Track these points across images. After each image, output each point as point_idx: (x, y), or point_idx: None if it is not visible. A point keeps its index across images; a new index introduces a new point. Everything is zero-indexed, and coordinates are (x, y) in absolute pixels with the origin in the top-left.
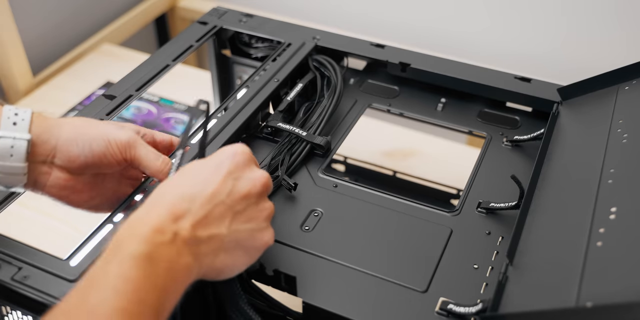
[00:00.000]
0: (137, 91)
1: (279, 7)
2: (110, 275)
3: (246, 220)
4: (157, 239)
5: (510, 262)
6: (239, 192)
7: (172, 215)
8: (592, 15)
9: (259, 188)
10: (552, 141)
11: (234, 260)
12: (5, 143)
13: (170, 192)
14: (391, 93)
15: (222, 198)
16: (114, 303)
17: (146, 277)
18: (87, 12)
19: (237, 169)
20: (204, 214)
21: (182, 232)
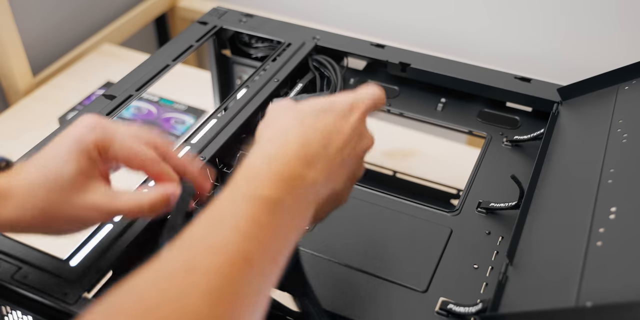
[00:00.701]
0: (137, 91)
1: (279, 7)
2: (238, 216)
3: (352, 178)
4: (292, 183)
5: (510, 262)
6: (359, 150)
7: (304, 160)
8: (591, 15)
9: (369, 148)
10: (552, 141)
11: (330, 210)
12: None
13: (297, 131)
14: (391, 93)
15: (346, 154)
16: (238, 248)
17: (275, 227)
18: (87, 12)
19: (362, 124)
20: (330, 167)
21: (319, 179)
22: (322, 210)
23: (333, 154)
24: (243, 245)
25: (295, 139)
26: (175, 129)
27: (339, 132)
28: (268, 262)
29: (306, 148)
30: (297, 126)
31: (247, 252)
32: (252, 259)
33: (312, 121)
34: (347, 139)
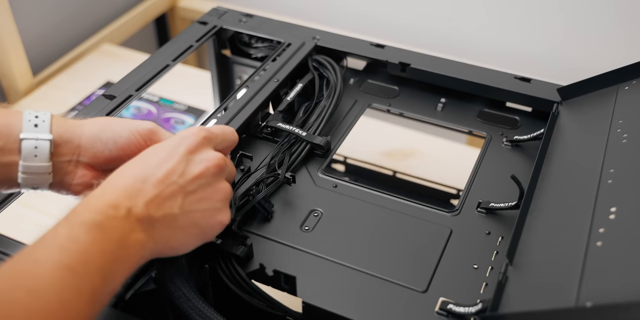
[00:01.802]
0: (137, 91)
1: (279, 7)
2: (59, 236)
3: (199, 200)
4: (110, 212)
5: (510, 262)
6: (192, 172)
7: (126, 193)
8: (591, 15)
9: (213, 169)
10: (552, 141)
11: (189, 238)
12: (29, 144)
13: (126, 174)
14: (391, 93)
15: (174, 179)
16: (59, 258)
17: (95, 242)
18: (86, 12)
19: (190, 151)
20: (156, 194)
21: (135, 210)
22: (184, 235)
23: (152, 186)
24: (64, 256)
25: (121, 177)
26: (175, 129)
27: (161, 165)
28: (93, 272)
29: (126, 181)
30: (127, 172)
31: (68, 262)
32: (74, 268)
33: (142, 163)
34: (169, 168)
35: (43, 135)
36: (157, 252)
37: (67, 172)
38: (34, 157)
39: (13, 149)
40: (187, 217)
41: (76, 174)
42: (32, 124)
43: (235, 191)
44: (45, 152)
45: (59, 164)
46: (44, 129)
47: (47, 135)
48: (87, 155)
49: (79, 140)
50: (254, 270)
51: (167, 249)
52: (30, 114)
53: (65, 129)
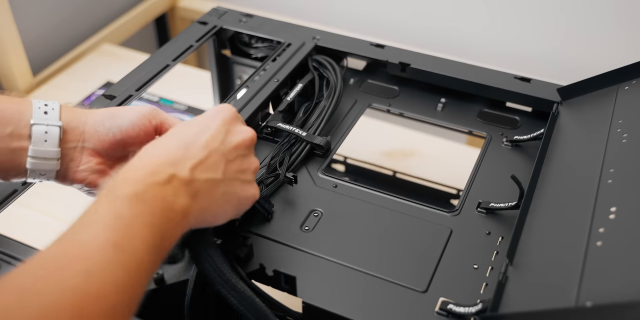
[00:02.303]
0: (137, 91)
1: (279, 7)
2: (101, 213)
3: (238, 170)
4: (151, 179)
5: (510, 262)
6: (232, 142)
7: (168, 160)
8: (591, 15)
9: (248, 141)
10: (552, 141)
11: (227, 207)
12: (39, 129)
13: (165, 143)
14: (391, 93)
15: (217, 145)
16: (106, 236)
17: (138, 215)
18: (86, 12)
19: (227, 122)
20: (200, 159)
21: (180, 174)
22: (223, 203)
23: (196, 151)
24: (109, 234)
25: (157, 147)
26: None
27: (202, 133)
28: (139, 246)
29: (167, 148)
30: (164, 142)
31: (114, 239)
32: (121, 244)
33: (179, 134)
34: (211, 135)
35: (53, 122)
36: (200, 219)
37: (72, 159)
38: (44, 142)
39: (23, 135)
40: (227, 184)
41: (81, 160)
42: (42, 111)
43: None
44: (55, 138)
45: (65, 150)
46: (54, 116)
47: (57, 122)
48: (91, 141)
49: (84, 127)
50: (254, 270)
51: (208, 216)
52: (40, 102)
53: (72, 117)
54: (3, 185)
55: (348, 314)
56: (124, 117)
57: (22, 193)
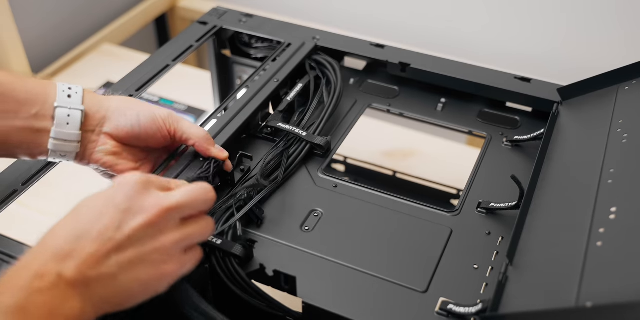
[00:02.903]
0: (137, 91)
1: (279, 7)
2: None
3: (141, 255)
4: (36, 285)
5: (510, 262)
6: (131, 226)
7: (55, 257)
8: (591, 15)
9: (155, 219)
10: (552, 141)
11: (134, 294)
12: (62, 112)
13: (58, 233)
14: (391, 93)
15: (110, 235)
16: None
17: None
18: (86, 12)
19: (127, 200)
20: (90, 253)
21: (66, 274)
22: (128, 292)
23: (88, 244)
24: None
25: (48, 238)
26: None
27: (97, 220)
28: None
29: (57, 242)
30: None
31: None
32: None
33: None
34: (106, 223)
35: (76, 106)
36: (101, 312)
37: (90, 141)
38: (66, 125)
39: (47, 116)
40: (127, 274)
41: (98, 142)
42: (66, 94)
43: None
44: (77, 121)
45: (84, 133)
46: (77, 100)
47: (79, 106)
48: (110, 126)
49: (105, 112)
50: (254, 270)
51: (110, 306)
52: (64, 86)
53: (94, 102)
54: (3, 185)
55: (348, 314)
56: (146, 115)
57: (22, 193)
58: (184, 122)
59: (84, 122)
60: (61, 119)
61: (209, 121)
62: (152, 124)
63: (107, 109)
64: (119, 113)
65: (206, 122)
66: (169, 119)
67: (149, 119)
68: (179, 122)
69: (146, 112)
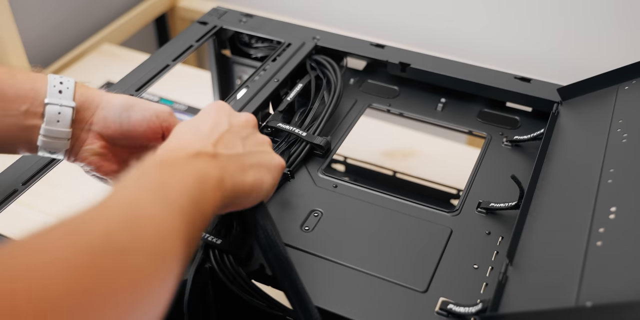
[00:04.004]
0: (137, 91)
1: (279, 7)
2: (131, 176)
3: (255, 144)
4: (180, 153)
5: (510, 262)
6: (237, 122)
7: (187, 142)
8: (591, 15)
9: (252, 121)
10: (552, 141)
11: (261, 176)
12: (52, 109)
13: (176, 134)
14: (391, 93)
15: (225, 127)
16: (138, 185)
17: (170, 175)
18: (86, 12)
19: (223, 111)
20: (216, 138)
21: (205, 149)
22: (255, 173)
23: (209, 134)
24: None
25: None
26: None
27: (204, 123)
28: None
29: (182, 135)
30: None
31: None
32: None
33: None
34: (214, 122)
35: (67, 102)
36: (235, 191)
37: (78, 138)
38: (56, 122)
39: (37, 113)
40: (252, 156)
41: (86, 141)
42: (57, 90)
43: None
44: (68, 118)
45: (73, 129)
46: (68, 95)
47: (70, 102)
48: (99, 124)
49: (95, 109)
50: (254, 270)
51: (244, 187)
52: (55, 79)
53: (86, 97)
54: (3, 185)
55: (348, 314)
56: (137, 111)
57: (22, 193)
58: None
59: (75, 119)
60: (51, 117)
61: None
62: (142, 122)
63: (97, 106)
64: (110, 111)
65: None
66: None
67: (141, 117)
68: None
69: (138, 111)
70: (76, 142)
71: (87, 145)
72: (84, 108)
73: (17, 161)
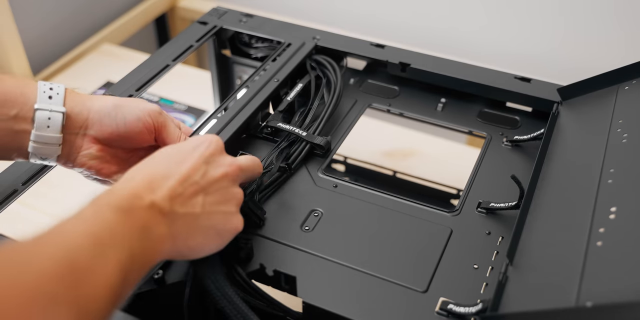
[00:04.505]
0: (137, 91)
1: (279, 7)
2: (84, 214)
3: (219, 203)
4: (135, 201)
5: (510, 262)
6: (213, 175)
7: (149, 187)
8: (591, 15)
9: (231, 174)
10: (552, 141)
11: (207, 240)
12: (42, 115)
13: (146, 170)
14: (391, 93)
15: (197, 179)
16: (85, 228)
17: (120, 222)
18: (86, 12)
19: (211, 155)
20: (180, 191)
21: (159, 203)
22: (202, 237)
23: (176, 184)
24: (92, 228)
25: (139, 172)
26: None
27: (182, 164)
28: (120, 247)
29: (148, 176)
30: (146, 167)
31: (95, 232)
32: (101, 237)
33: (161, 162)
34: (191, 168)
35: (57, 108)
36: (175, 251)
37: (73, 144)
38: (47, 128)
39: (27, 118)
40: (207, 217)
41: (82, 146)
42: (47, 95)
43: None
44: (58, 124)
45: (67, 135)
46: (58, 101)
47: (60, 108)
48: (94, 129)
49: (87, 113)
50: (254, 270)
51: (185, 249)
52: (45, 86)
53: (77, 102)
54: (3, 185)
55: (348, 314)
56: (130, 111)
57: (22, 193)
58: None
59: (66, 124)
60: (41, 122)
61: (209, 121)
62: (137, 121)
63: (90, 110)
64: (103, 114)
65: (206, 122)
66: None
67: (135, 117)
68: (167, 117)
69: (133, 110)
70: (72, 148)
71: (84, 150)
72: (75, 113)
73: (17, 161)
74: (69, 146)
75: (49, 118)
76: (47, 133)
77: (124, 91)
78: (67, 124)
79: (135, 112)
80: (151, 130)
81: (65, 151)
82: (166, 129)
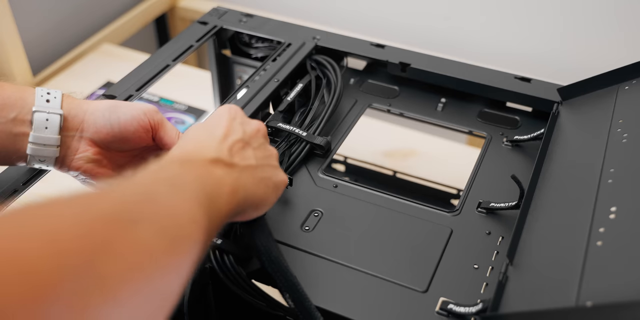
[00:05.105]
0: (137, 91)
1: (279, 7)
2: (148, 169)
3: (265, 157)
4: (198, 156)
5: (510, 262)
6: (249, 131)
7: (201, 149)
8: (591, 15)
9: (263, 130)
10: (552, 141)
11: (269, 192)
12: (40, 116)
13: (187, 140)
14: (391, 93)
15: (239, 136)
16: (156, 176)
17: (187, 172)
18: (87, 12)
19: (238, 117)
20: (231, 146)
21: (221, 156)
22: (263, 189)
23: (224, 142)
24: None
25: (189, 139)
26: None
27: (216, 129)
28: (194, 190)
29: (197, 143)
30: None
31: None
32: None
33: (198, 130)
34: (227, 129)
35: (54, 110)
36: (246, 204)
37: (70, 147)
38: (45, 129)
39: (25, 120)
40: (262, 170)
41: (78, 149)
42: (44, 99)
43: None
44: (56, 125)
45: (63, 138)
46: (55, 104)
47: (58, 110)
48: (90, 131)
49: (83, 116)
50: (254, 270)
51: (253, 202)
52: (42, 91)
53: (73, 106)
54: (3, 185)
55: (348, 314)
56: (124, 111)
57: (22, 193)
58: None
59: (63, 127)
60: (39, 123)
61: None
62: (132, 120)
63: (85, 113)
64: (99, 115)
65: None
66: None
67: (130, 117)
68: (163, 118)
69: (127, 110)
70: (68, 151)
71: (81, 153)
72: (71, 115)
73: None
74: (65, 148)
75: (47, 119)
76: (45, 134)
77: (124, 91)
78: (64, 126)
79: (129, 112)
80: (147, 129)
81: (61, 153)
82: (163, 127)
